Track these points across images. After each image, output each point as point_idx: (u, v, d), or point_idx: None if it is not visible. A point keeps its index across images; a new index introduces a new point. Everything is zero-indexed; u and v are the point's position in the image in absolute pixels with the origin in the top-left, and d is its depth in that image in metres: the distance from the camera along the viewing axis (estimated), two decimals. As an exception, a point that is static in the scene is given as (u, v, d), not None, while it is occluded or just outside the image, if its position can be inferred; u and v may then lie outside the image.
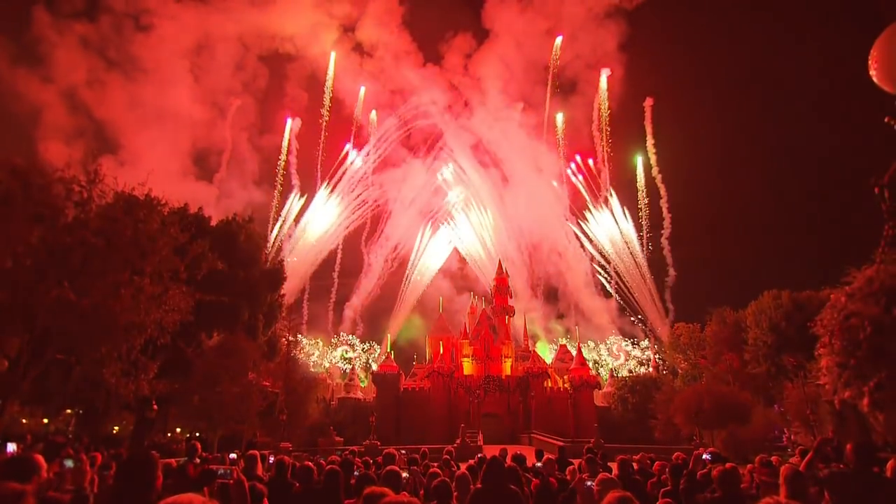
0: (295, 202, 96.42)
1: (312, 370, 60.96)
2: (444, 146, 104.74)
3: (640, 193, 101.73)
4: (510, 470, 5.48)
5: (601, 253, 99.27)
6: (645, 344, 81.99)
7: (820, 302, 22.59)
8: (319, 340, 77.47)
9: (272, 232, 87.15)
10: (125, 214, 18.10)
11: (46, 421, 33.05)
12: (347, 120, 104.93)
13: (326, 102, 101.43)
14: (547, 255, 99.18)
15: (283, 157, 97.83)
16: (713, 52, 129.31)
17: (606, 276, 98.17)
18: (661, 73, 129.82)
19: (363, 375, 71.57)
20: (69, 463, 6.53)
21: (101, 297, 16.71)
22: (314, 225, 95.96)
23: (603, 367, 78.35)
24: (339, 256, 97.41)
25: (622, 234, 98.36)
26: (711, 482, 5.39)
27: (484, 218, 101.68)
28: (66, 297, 15.77)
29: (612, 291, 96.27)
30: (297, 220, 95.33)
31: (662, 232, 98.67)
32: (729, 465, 5.46)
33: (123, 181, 19.23)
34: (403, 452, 11.79)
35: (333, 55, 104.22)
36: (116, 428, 35.22)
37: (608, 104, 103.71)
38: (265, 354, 35.82)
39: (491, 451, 11.53)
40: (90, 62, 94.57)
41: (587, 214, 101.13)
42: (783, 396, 39.34)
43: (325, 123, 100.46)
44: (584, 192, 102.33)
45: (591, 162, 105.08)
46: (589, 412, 58.57)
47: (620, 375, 67.61)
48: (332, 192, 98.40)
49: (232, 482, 5.15)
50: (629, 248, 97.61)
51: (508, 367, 65.25)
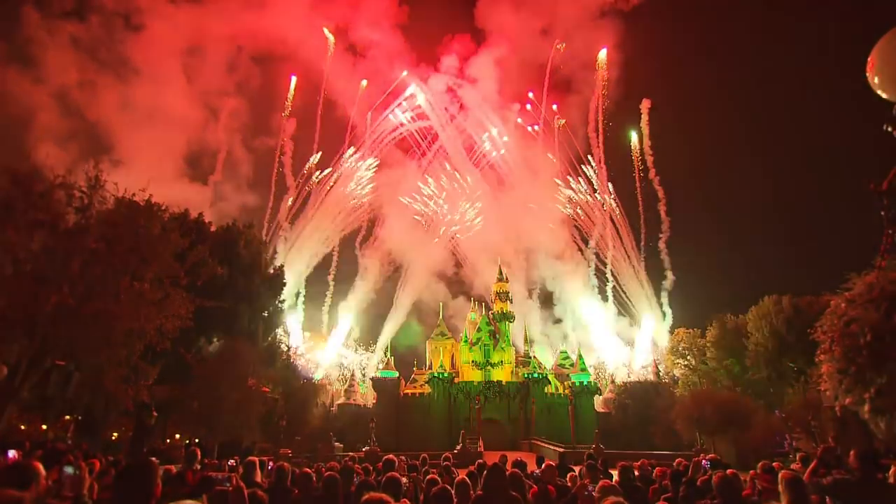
0: (289, 204, 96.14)
1: (312, 375, 60.73)
2: (438, 147, 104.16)
3: (637, 195, 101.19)
4: (511, 476, 5.46)
5: (597, 254, 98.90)
6: (645, 348, 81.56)
7: (821, 307, 22.54)
8: (316, 345, 77.11)
9: (265, 233, 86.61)
10: (126, 220, 18.10)
11: (45, 427, 32.94)
12: (341, 121, 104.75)
13: (320, 104, 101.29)
14: (543, 257, 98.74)
15: (277, 158, 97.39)
16: (711, 52, 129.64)
17: (604, 278, 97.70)
18: (657, 73, 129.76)
19: (361, 378, 71.24)
20: (68, 470, 6.50)
21: (101, 302, 16.70)
22: (309, 227, 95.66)
23: (602, 372, 77.98)
24: (334, 259, 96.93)
25: (620, 236, 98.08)
26: (712, 489, 5.37)
27: (479, 219, 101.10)
28: (66, 302, 15.77)
29: (609, 295, 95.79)
30: (291, 221, 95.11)
31: (661, 236, 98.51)
32: (730, 471, 5.43)
33: (120, 185, 19.10)
34: (403, 459, 11.73)
35: (328, 54, 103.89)
36: (115, 434, 35.11)
37: (607, 93, 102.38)
38: (265, 360, 35.78)
39: (491, 457, 11.49)
40: (81, 62, 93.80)
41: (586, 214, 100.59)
42: (784, 402, 39.23)
43: (318, 125, 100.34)
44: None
45: (555, 108, 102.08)
46: (589, 418, 58.39)
47: (621, 381, 67.33)
48: (326, 193, 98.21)
49: (231, 489, 5.13)
50: (626, 251, 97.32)
51: (509, 372, 65.09)
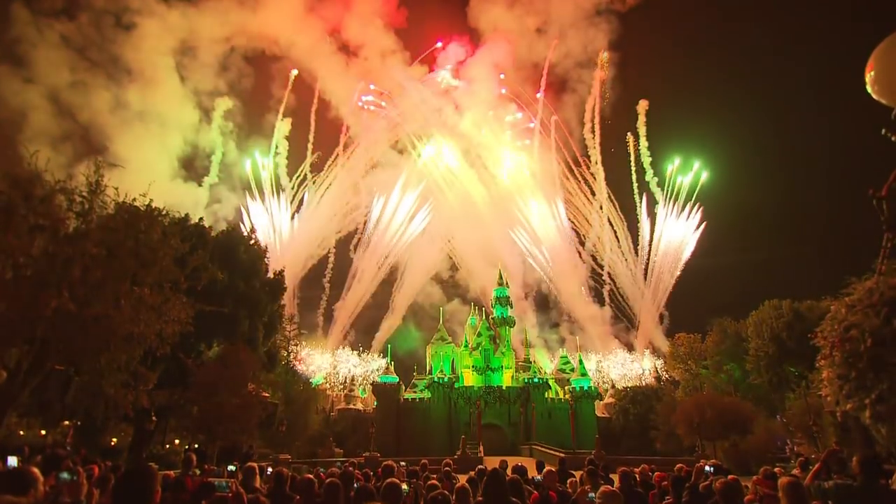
0: (284, 205, 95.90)
1: (311, 380, 60.60)
2: (433, 146, 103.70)
3: (635, 196, 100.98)
4: (511, 482, 5.44)
5: (594, 257, 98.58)
6: (644, 353, 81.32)
7: (821, 311, 22.51)
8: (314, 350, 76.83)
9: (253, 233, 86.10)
10: (126, 225, 18.10)
11: (44, 433, 32.84)
12: (335, 122, 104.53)
13: (314, 104, 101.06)
14: (540, 260, 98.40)
15: (271, 159, 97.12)
16: (710, 53, 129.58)
17: (600, 281, 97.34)
18: (654, 73, 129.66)
19: (360, 383, 71.01)
20: (65, 476, 6.48)
21: (101, 307, 16.68)
22: (303, 230, 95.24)
23: (602, 376, 77.72)
24: (330, 262, 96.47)
25: (618, 239, 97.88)
26: (713, 494, 5.34)
27: (475, 221, 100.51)
28: (66, 307, 15.75)
29: (606, 299, 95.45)
30: (274, 223, 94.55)
31: (660, 238, 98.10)
32: (731, 477, 5.41)
33: (113, 187, 18.92)
34: (403, 464, 11.68)
35: (323, 54, 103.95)
36: (115, 440, 35.02)
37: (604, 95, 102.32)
38: (265, 365, 35.72)
39: (491, 462, 11.44)
40: (72, 62, 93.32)
41: (584, 214, 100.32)
42: (785, 407, 39.13)
43: (312, 126, 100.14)
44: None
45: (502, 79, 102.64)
46: (590, 423, 58.25)
47: (621, 386, 67.19)
48: (321, 195, 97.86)
49: (231, 495, 5.11)
50: (625, 255, 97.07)
51: (509, 377, 64.96)
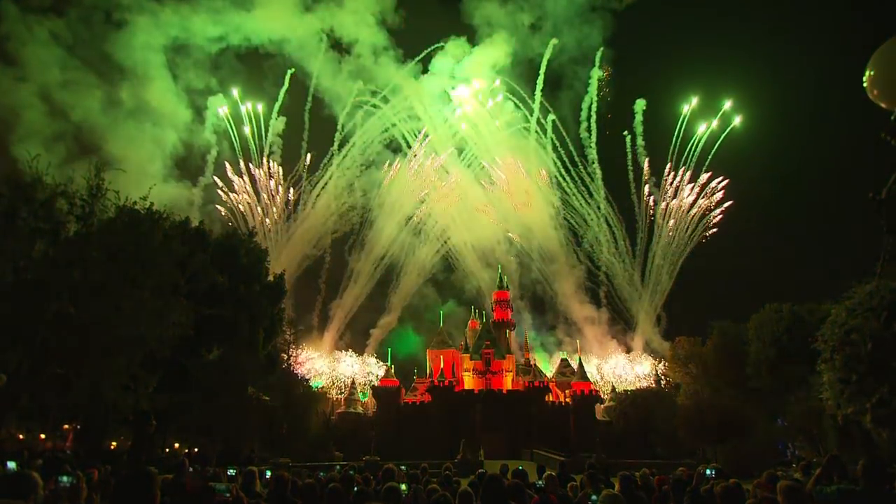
0: (279, 205, 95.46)
1: (311, 383, 60.50)
2: (428, 146, 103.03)
3: (633, 198, 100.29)
4: (511, 487, 5.41)
5: (591, 258, 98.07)
6: (643, 356, 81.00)
7: (822, 315, 22.47)
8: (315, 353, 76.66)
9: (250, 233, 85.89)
10: (127, 229, 18.12)
11: (44, 436, 32.79)
12: (330, 120, 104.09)
13: (308, 103, 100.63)
14: (536, 261, 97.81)
15: (266, 158, 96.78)
16: (709, 53, 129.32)
17: (597, 282, 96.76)
18: (651, 72, 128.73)
19: (360, 384, 70.82)
20: (63, 480, 6.47)
21: (101, 310, 16.67)
22: (299, 229, 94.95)
23: (602, 379, 77.49)
24: (326, 263, 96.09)
25: (615, 239, 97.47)
26: (714, 498, 5.33)
27: (471, 221, 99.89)
28: (66, 311, 15.76)
29: (602, 300, 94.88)
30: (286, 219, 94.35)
31: (658, 240, 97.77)
32: (732, 480, 5.41)
33: (107, 186, 18.77)
34: (403, 468, 11.65)
35: (317, 52, 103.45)
36: (115, 443, 34.97)
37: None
38: (265, 368, 35.65)
39: (492, 466, 11.42)
40: (63, 60, 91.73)
41: (583, 213, 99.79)
42: (786, 411, 39.04)
43: (307, 125, 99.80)
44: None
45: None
46: (590, 426, 58.10)
47: (622, 389, 67.01)
48: (318, 196, 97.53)
49: (231, 499, 5.10)
50: (621, 256, 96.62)
51: (509, 381, 64.84)
